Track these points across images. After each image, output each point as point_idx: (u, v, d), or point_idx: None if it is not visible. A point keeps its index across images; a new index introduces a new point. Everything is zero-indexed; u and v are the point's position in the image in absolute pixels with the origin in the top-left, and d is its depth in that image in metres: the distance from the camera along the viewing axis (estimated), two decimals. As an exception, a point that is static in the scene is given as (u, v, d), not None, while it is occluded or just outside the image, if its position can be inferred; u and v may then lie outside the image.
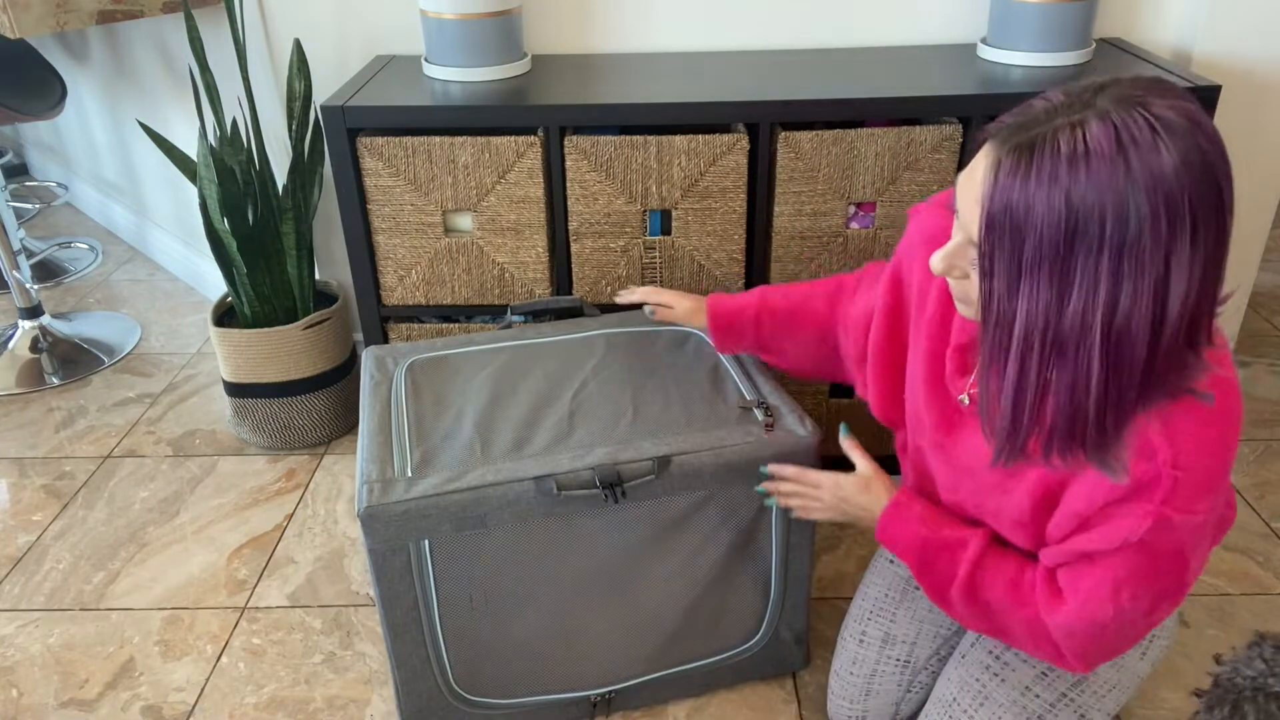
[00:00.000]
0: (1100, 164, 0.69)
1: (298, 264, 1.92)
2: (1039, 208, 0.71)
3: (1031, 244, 0.72)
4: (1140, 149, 0.69)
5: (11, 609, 1.63)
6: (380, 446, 1.26)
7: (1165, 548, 0.86)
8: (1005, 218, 0.73)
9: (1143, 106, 0.71)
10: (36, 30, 1.72)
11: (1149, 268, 0.70)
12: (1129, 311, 0.71)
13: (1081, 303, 0.72)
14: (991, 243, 0.74)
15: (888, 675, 1.23)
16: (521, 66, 1.76)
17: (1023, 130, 0.73)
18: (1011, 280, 0.74)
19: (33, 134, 3.45)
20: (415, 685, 1.29)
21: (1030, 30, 1.69)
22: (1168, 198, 0.69)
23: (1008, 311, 0.75)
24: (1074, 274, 0.71)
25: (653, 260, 1.70)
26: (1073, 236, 0.70)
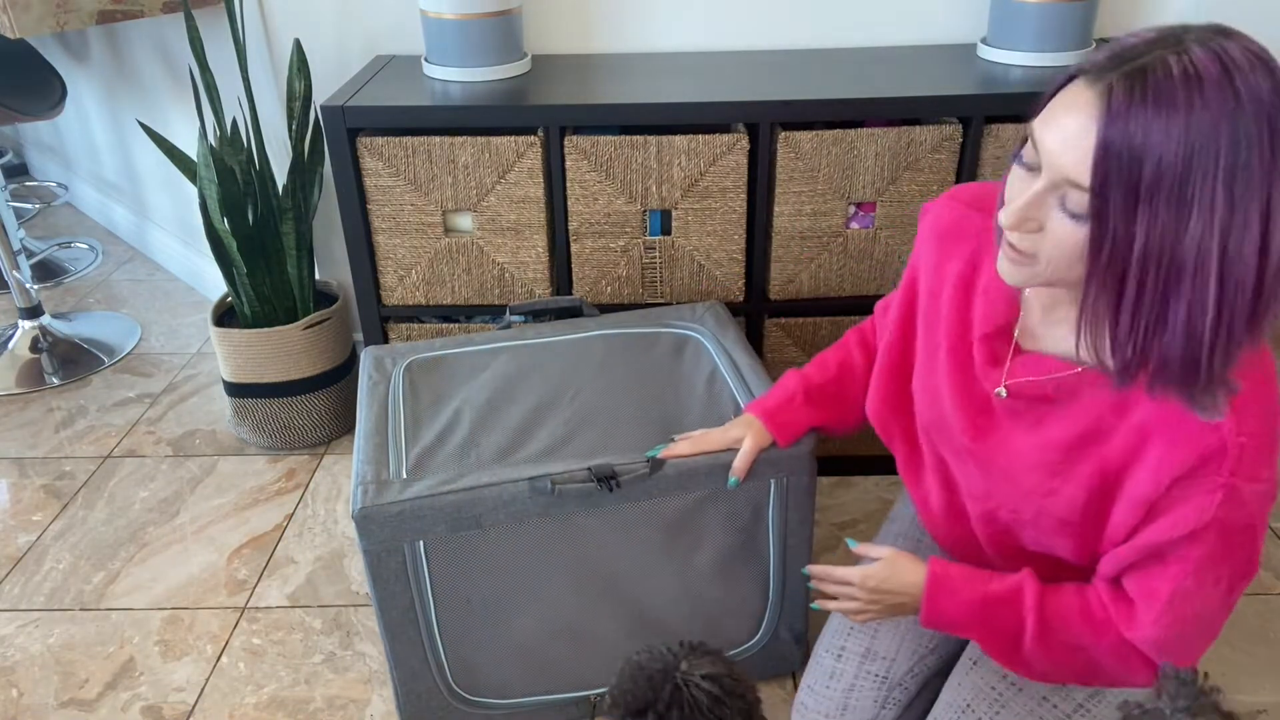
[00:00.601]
0: (1211, 88, 0.71)
1: (298, 264, 1.92)
2: (1155, 133, 0.71)
3: (1150, 169, 0.71)
4: (1244, 73, 0.71)
5: (11, 609, 1.63)
6: (376, 448, 1.26)
7: (1237, 523, 0.84)
8: (1122, 145, 0.72)
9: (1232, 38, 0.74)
10: (36, 30, 1.72)
11: (1258, 191, 0.71)
12: (1241, 237, 0.72)
13: (1200, 228, 0.72)
14: (1106, 174, 0.73)
15: (865, 691, 1.21)
16: (521, 66, 1.76)
17: (1127, 61, 0.74)
18: (1128, 209, 0.73)
19: (33, 134, 3.45)
20: (414, 686, 1.29)
21: (1030, 30, 1.69)
22: (1271, 121, 0.71)
23: (1123, 240, 0.74)
24: (1192, 198, 0.71)
25: (653, 260, 1.70)
26: (1190, 159, 0.71)
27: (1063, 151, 0.75)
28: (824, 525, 1.76)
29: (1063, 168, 0.76)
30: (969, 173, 1.62)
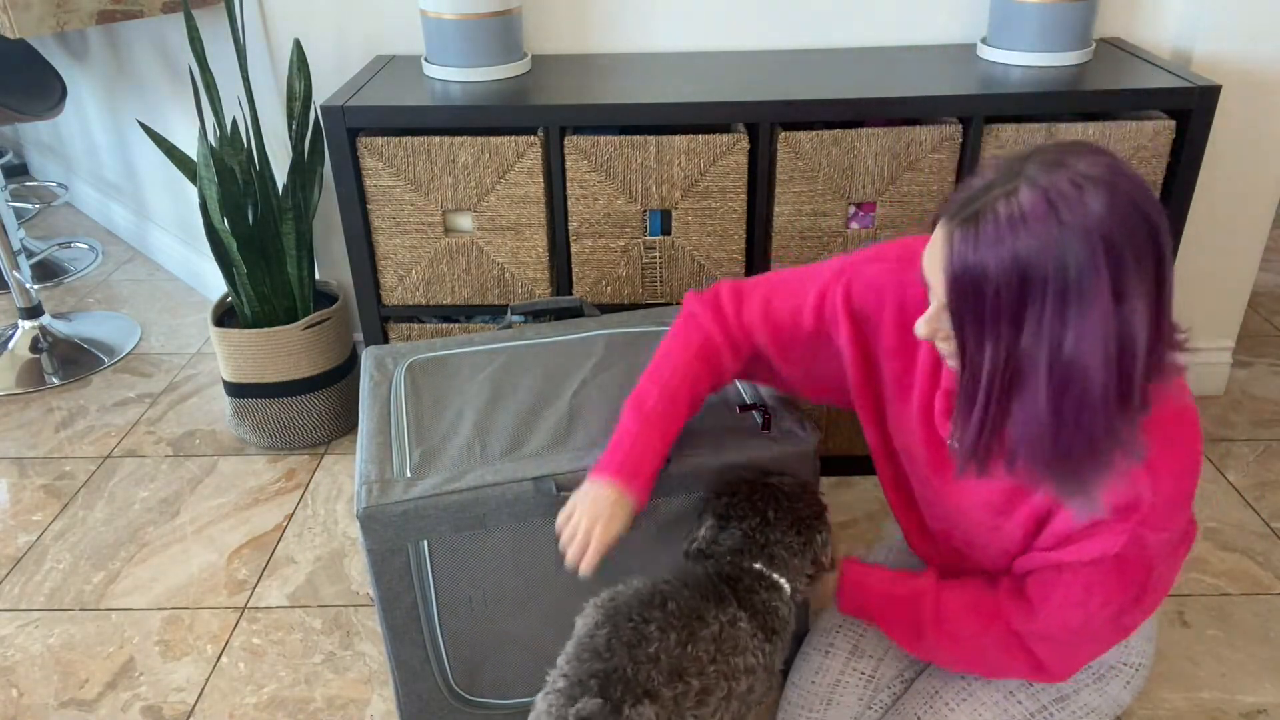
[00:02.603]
0: (1035, 223, 0.78)
1: (298, 264, 1.92)
2: (991, 267, 0.80)
3: (990, 298, 0.81)
4: (1070, 202, 0.78)
5: (11, 609, 1.63)
6: (379, 447, 1.26)
7: (1135, 560, 0.95)
8: (966, 280, 0.82)
9: (1065, 167, 0.80)
10: (36, 30, 1.72)
11: (1094, 304, 0.78)
12: (1076, 347, 0.79)
13: (1037, 343, 0.81)
14: (958, 303, 0.84)
15: (850, 687, 1.22)
16: (521, 66, 1.76)
17: (967, 205, 0.83)
18: (977, 332, 0.83)
19: (33, 134, 3.45)
20: (415, 686, 1.29)
21: (1030, 30, 1.69)
22: (1103, 239, 0.77)
23: (976, 358, 0.85)
24: (1027, 318, 0.80)
25: (653, 260, 1.70)
26: (1022, 289, 0.79)
27: (934, 284, 0.87)
28: (824, 525, 1.76)
29: (937, 293, 0.87)
30: (969, 172, 1.62)
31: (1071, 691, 1.13)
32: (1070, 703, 1.13)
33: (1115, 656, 1.14)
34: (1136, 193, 0.79)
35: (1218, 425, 2.02)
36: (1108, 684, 1.14)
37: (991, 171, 0.83)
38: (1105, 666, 1.14)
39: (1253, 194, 1.90)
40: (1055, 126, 1.59)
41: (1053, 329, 0.79)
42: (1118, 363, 0.80)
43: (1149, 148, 1.60)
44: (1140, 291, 0.79)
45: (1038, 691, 1.13)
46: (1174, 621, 1.54)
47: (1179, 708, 1.40)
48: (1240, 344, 2.28)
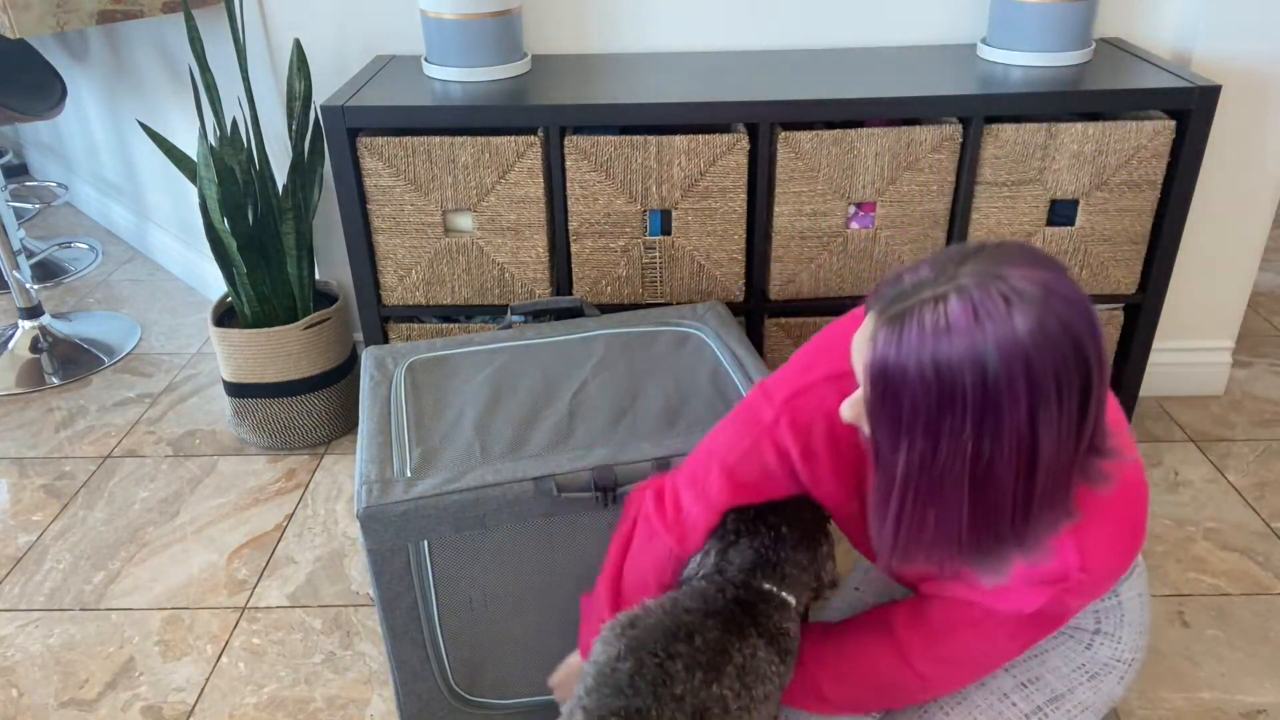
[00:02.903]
0: (958, 336, 0.76)
1: (298, 264, 1.92)
2: (911, 373, 0.78)
3: (907, 404, 0.79)
4: (995, 321, 0.75)
5: (11, 609, 1.63)
6: (380, 447, 1.26)
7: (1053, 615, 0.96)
8: (884, 381, 0.80)
9: (1000, 279, 0.77)
10: (36, 30, 1.72)
11: (1009, 426, 0.76)
12: (992, 463, 0.78)
13: (950, 456, 0.79)
14: (875, 402, 0.81)
15: None
16: (521, 66, 1.76)
17: (895, 302, 0.80)
18: (892, 433, 0.81)
19: (33, 134, 3.45)
20: (415, 686, 1.29)
21: (1030, 30, 1.69)
22: (1025, 362, 0.75)
23: (889, 460, 0.83)
24: (942, 430, 0.78)
25: (653, 260, 1.70)
26: (940, 398, 0.77)
27: (858, 370, 0.84)
28: (824, 525, 1.76)
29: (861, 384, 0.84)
30: (969, 172, 1.62)
31: (1066, 690, 1.13)
32: (1065, 701, 1.13)
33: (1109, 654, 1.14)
34: (1068, 314, 0.76)
35: (1218, 425, 2.02)
36: (1102, 681, 1.14)
37: (926, 269, 0.80)
38: (1099, 665, 1.14)
39: (1253, 194, 1.90)
40: (1055, 126, 1.59)
41: (969, 443, 0.78)
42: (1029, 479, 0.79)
43: (1149, 148, 1.60)
44: (1061, 412, 0.77)
45: (1032, 693, 1.13)
46: (1174, 621, 1.54)
47: (1179, 708, 1.40)
48: (1240, 344, 2.28)
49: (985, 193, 1.64)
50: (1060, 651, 1.15)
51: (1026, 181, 1.63)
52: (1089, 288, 1.73)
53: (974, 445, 0.78)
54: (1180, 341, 2.07)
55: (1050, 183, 1.63)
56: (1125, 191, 1.64)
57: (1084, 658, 1.14)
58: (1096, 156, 1.61)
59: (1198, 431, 2.00)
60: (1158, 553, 1.68)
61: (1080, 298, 0.77)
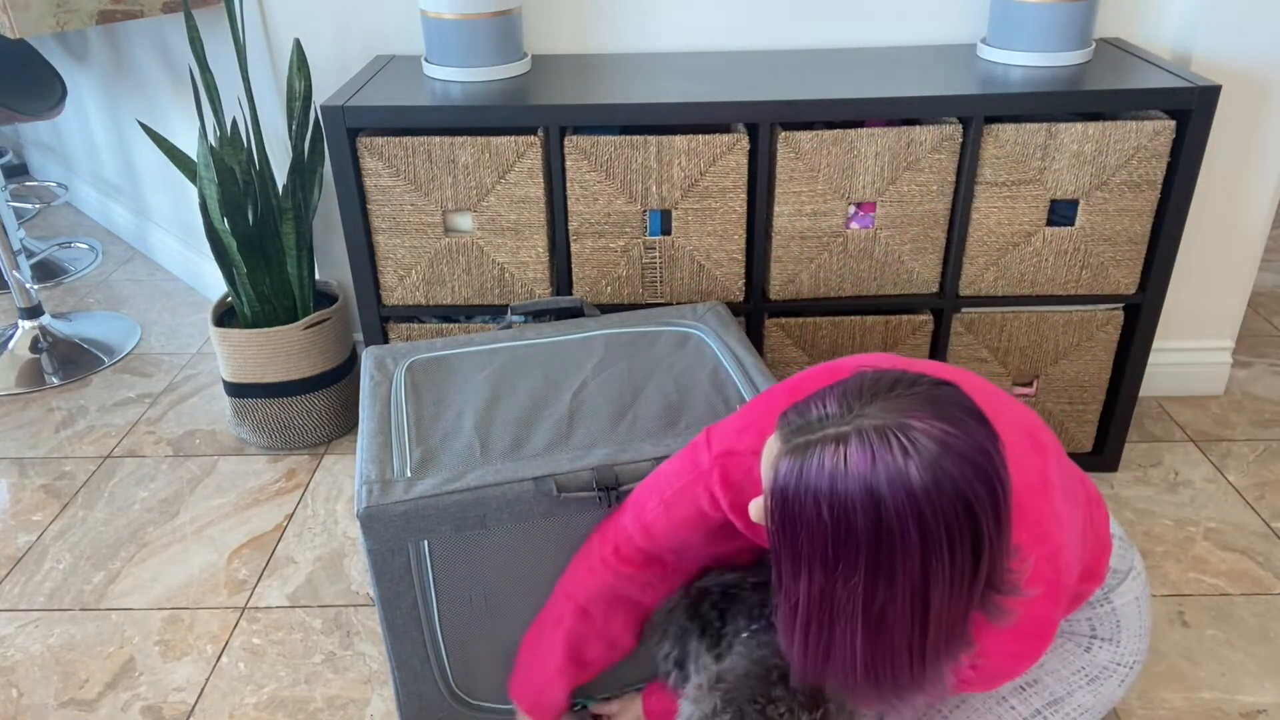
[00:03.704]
0: (854, 480, 0.76)
1: (298, 264, 1.92)
2: (808, 509, 0.78)
3: (804, 536, 0.79)
4: (890, 469, 0.75)
5: (11, 609, 1.63)
6: (380, 447, 1.26)
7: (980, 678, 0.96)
8: (783, 510, 0.80)
9: (901, 430, 0.76)
10: (36, 30, 1.72)
11: (902, 573, 0.77)
12: (885, 607, 0.78)
13: (845, 595, 0.79)
14: (775, 528, 0.81)
15: None
16: (521, 66, 1.76)
17: (800, 433, 0.80)
18: (793, 561, 0.81)
19: (33, 134, 3.45)
20: (415, 687, 1.29)
21: (1030, 30, 1.69)
22: (917, 514, 0.75)
23: (791, 586, 0.82)
24: (838, 570, 0.78)
25: (653, 260, 1.70)
26: (835, 538, 0.77)
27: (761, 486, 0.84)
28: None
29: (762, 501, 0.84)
30: (969, 172, 1.62)
31: (1065, 694, 1.13)
32: (1064, 704, 1.13)
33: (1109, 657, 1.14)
34: (962, 472, 0.76)
35: (1218, 425, 2.02)
36: (1102, 684, 1.14)
37: (834, 404, 0.80)
38: (1099, 668, 1.14)
39: (1253, 194, 1.90)
40: (1055, 126, 1.59)
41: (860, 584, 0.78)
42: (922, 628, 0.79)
43: (1149, 148, 1.60)
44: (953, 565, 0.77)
45: (1030, 695, 1.13)
46: (1174, 621, 1.54)
47: (1179, 708, 1.40)
48: (1240, 344, 2.28)
49: (985, 193, 1.64)
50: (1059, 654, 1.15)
51: (1026, 181, 1.63)
52: (1089, 288, 1.72)
53: (866, 587, 0.78)
54: (1180, 341, 2.07)
55: (1050, 183, 1.63)
56: (1125, 191, 1.64)
57: (1083, 661, 1.14)
58: (1096, 156, 1.61)
59: (1198, 431, 2.00)
60: (1158, 553, 1.68)
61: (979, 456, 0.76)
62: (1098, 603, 1.14)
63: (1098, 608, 1.14)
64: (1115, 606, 1.14)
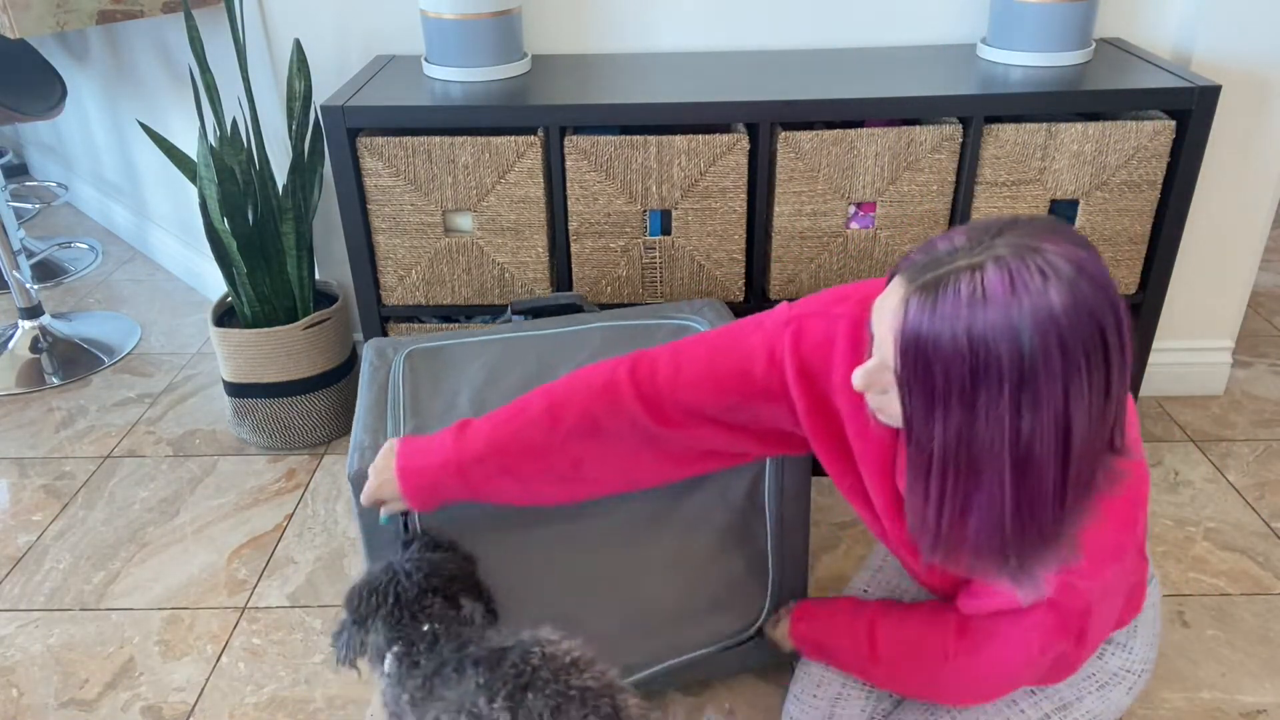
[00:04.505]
0: (995, 307, 0.75)
1: (298, 264, 1.92)
2: (944, 344, 0.76)
3: (940, 375, 0.78)
4: (1031, 294, 0.75)
5: (11, 609, 1.63)
6: (376, 418, 1.27)
7: (1070, 606, 0.96)
8: (915, 351, 0.78)
9: (1036, 253, 0.76)
10: (36, 30, 1.72)
11: (1046, 400, 0.76)
12: (1031, 440, 0.77)
13: (989, 431, 0.78)
14: (906, 371, 0.80)
15: (852, 700, 1.21)
16: (521, 66, 1.76)
17: (928, 270, 0.79)
18: (926, 405, 0.80)
19: (33, 134, 3.45)
20: None
21: (1030, 30, 1.69)
22: (1059, 337, 0.75)
23: (924, 433, 0.81)
24: (980, 404, 0.77)
25: (653, 260, 1.70)
26: (975, 370, 0.76)
27: (882, 338, 0.82)
28: (824, 525, 1.76)
29: (884, 353, 0.83)
30: (969, 172, 1.62)
31: (1074, 699, 1.13)
32: (1073, 710, 1.12)
33: (1119, 664, 1.14)
34: (1097, 297, 0.76)
35: (1218, 425, 2.02)
36: (1110, 691, 1.14)
37: (961, 238, 0.79)
38: (1109, 674, 1.14)
39: (1253, 194, 1.90)
40: (1055, 126, 1.59)
41: (1006, 416, 0.77)
42: (1064, 463, 0.79)
43: (1149, 148, 1.60)
44: (1091, 391, 0.77)
45: (1040, 700, 1.13)
46: (1174, 621, 1.54)
47: (1179, 708, 1.40)
48: (1240, 344, 2.28)
49: (985, 193, 1.64)
50: None
51: (1026, 181, 1.63)
52: (1089, 288, 1.73)
53: (1012, 419, 0.77)
54: (1180, 341, 2.07)
55: (1050, 183, 1.63)
56: (1125, 191, 1.64)
57: (1094, 666, 1.14)
58: (1096, 156, 1.61)
59: (1198, 431, 2.00)
60: (1158, 553, 1.68)
61: (1108, 281, 0.77)
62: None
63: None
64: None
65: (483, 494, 1.10)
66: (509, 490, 1.10)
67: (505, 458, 1.08)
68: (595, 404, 1.07)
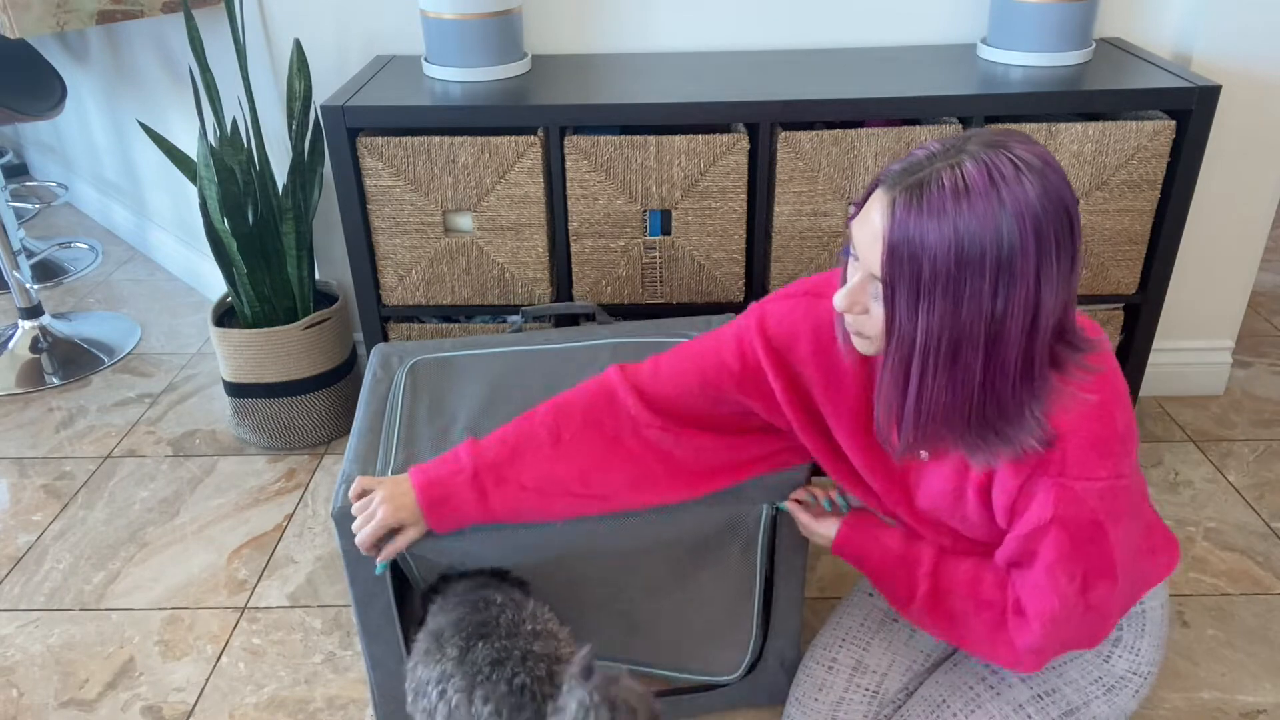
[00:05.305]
0: (976, 197, 0.82)
1: (298, 264, 1.92)
2: (931, 236, 0.83)
3: (927, 268, 0.84)
4: (1008, 183, 0.82)
5: (11, 609, 1.63)
6: (368, 446, 1.25)
7: (1080, 519, 0.95)
8: (903, 248, 0.84)
9: (1005, 148, 0.84)
10: (36, 30, 1.72)
11: (1020, 282, 0.83)
12: (1004, 318, 0.84)
13: (968, 314, 0.84)
14: (893, 271, 0.86)
15: (855, 705, 1.20)
16: (521, 66, 1.76)
17: (910, 174, 0.85)
18: (911, 301, 0.86)
19: (33, 134, 3.45)
20: (391, 689, 1.28)
21: (1030, 30, 1.69)
22: (1034, 222, 0.82)
23: (908, 328, 0.87)
24: (963, 291, 0.84)
25: (653, 260, 1.70)
26: (960, 258, 0.83)
27: (865, 247, 0.88)
28: (824, 525, 1.76)
29: (868, 263, 0.88)
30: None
31: (1081, 703, 1.13)
32: (1080, 714, 1.12)
33: (1127, 666, 1.14)
34: (1063, 188, 0.84)
35: (1218, 425, 2.02)
36: (1117, 695, 1.14)
37: (935, 145, 0.86)
38: (1116, 677, 1.14)
39: (1253, 194, 1.90)
40: (1055, 126, 1.59)
41: (987, 300, 0.83)
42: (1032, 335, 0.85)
43: (1149, 148, 1.60)
44: (1058, 269, 0.84)
45: (1047, 705, 1.13)
46: (1174, 621, 1.54)
47: (1179, 708, 1.40)
48: (1240, 344, 2.28)
49: (985, 193, 1.64)
50: (1078, 664, 1.14)
51: (1026, 181, 1.63)
52: (1089, 287, 1.73)
53: (990, 302, 0.83)
54: (1180, 341, 2.07)
55: (1050, 183, 1.63)
56: (1125, 191, 1.64)
57: (1101, 670, 1.14)
58: (1096, 156, 1.61)
59: (1198, 431, 2.00)
60: (1158, 553, 1.68)
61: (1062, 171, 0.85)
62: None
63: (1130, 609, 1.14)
64: (1146, 608, 1.14)
65: (497, 508, 1.11)
66: (525, 503, 1.12)
67: (516, 461, 1.11)
68: (595, 402, 1.15)
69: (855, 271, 0.92)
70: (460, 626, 1.03)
